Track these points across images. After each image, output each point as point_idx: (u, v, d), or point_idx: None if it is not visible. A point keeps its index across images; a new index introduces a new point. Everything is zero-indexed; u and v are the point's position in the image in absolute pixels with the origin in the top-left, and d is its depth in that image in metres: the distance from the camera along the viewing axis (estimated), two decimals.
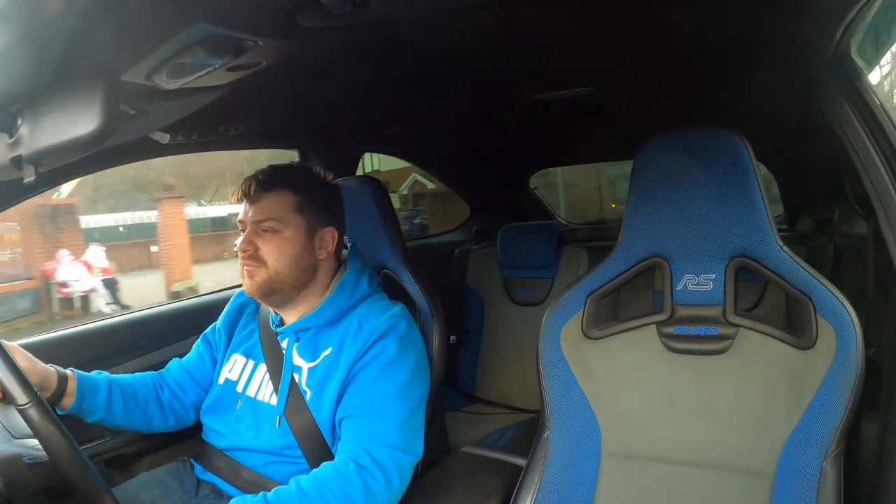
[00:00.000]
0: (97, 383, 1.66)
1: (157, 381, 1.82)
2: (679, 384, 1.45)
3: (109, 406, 1.67)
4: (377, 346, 1.58)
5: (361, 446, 1.49)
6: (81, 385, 1.62)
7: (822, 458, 1.28)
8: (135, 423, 1.74)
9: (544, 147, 3.24)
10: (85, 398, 1.62)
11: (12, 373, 1.31)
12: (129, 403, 1.71)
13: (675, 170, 1.43)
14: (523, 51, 1.65)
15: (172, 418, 1.81)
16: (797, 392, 1.33)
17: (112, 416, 1.69)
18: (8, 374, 1.31)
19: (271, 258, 1.61)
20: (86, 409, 1.63)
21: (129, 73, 1.08)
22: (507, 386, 3.02)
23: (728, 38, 1.59)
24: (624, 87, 2.12)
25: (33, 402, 1.30)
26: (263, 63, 1.25)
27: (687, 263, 1.44)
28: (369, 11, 1.11)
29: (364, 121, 2.45)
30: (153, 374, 1.84)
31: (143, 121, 1.46)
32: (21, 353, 1.51)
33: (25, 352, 1.53)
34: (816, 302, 1.32)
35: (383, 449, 1.49)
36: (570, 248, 3.07)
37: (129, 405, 1.71)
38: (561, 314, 1.55)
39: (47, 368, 1.57)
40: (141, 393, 1.76)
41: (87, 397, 1.62)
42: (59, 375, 1.58)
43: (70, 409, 1.61)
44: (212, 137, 1.92)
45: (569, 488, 1.49)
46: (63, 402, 1.59)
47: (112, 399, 1.67)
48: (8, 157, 0.98)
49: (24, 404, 1.29)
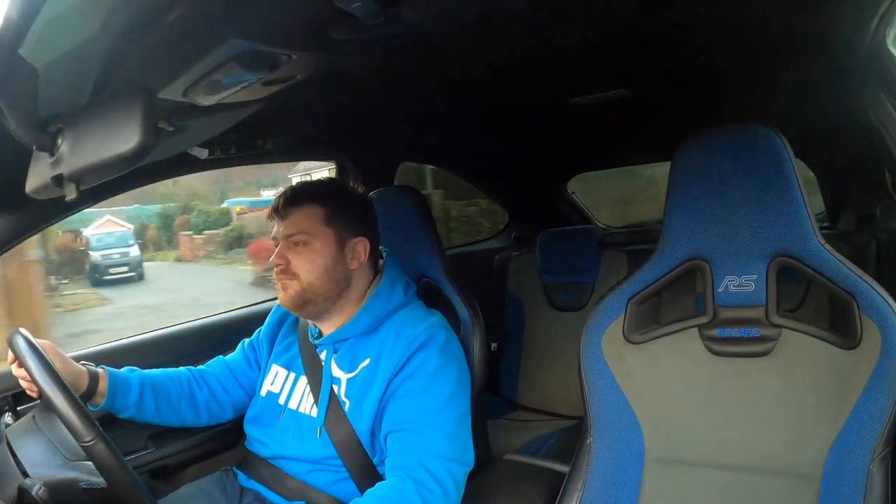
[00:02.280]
0: (129, 382, 1.70)
1: (195, 379, 1.85)
2: (722, 387, 1.43)
3: (141, 405, 1.71)
4: (417, 357, 1.58)
5: (416, 460, 1.49)
6: (113, 384, 1.66)
7: (869, 461, 1.25)
8: (166, 420, 1.78)
9: (581, 151, 3.21)
10: (116, 397, 1.66)
11: (74, 409, 1.32)
12: (161, 403, 1.75)
13: (713, 170, 1.41)
14: (556, 56, 1.64)
15: (207, 416, 1.84)
16: (843, 393, 1.30)
17: (143, 414, 1.73)
18: (68, 408, 1.31)
19: (303, 270, 1.63)
20: (117, 408, 1.68)
21: (166, 91, 1.09)
22: (549, 392, 2.99)
23: (762, 34, 1.56)
24: (659, 88, 2.10)
25: (98, 438, 1.30)
26: (298, 76, 1.26)
27: (728, 264, 1.42)
28: (402, 23, 1.12)
29: (400, 131, 2.46)
30: (190, 370, 1.87)
31: (182, 137, 1.47)
32: (55, 351, 1.54)
33: (58, 350, 1.56)
34: (860, 300, 1.28)
35: (438, 461, 1.49)
36: (610, 252, 3.04)
37: (160, 404, 1.74)
38: (602, 319, 1.53)
39: (78, 367, 1.60)
40: (174, 392, 1.79)
41: (118, 396, 1.66)
42: (90, 374, 1.62)
43: (101, 406, 1.65)
44: (250, 151, 1.95)
45: (612, 495, 1.48)
46: (94, 401, 1.63)
47: (144, 398, 1.71)
48: (50, 175, 1.00)
49: (89, 442, 1.30)
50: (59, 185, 1.00)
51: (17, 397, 1.70)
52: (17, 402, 1.71)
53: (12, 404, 1.71)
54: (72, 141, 0.97)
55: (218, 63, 1.04)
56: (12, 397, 1.71)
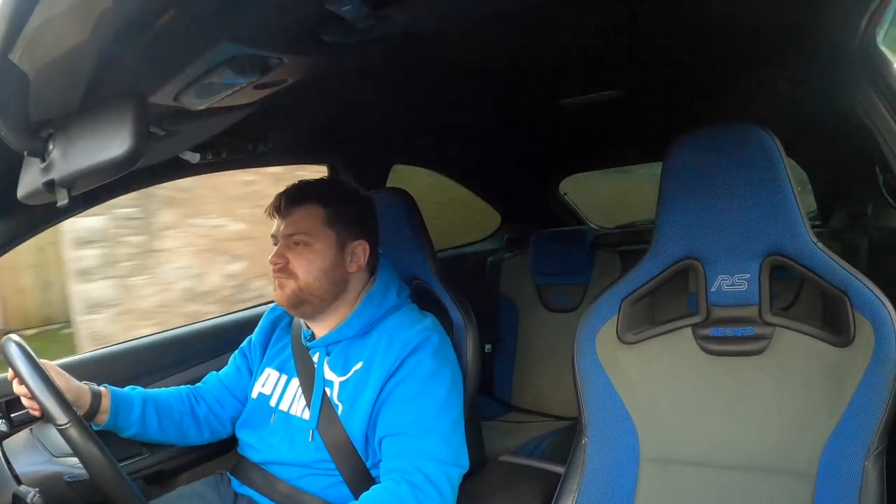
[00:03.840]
0: (131, 399, 1.68)
1: (194, 396, 1.84)
2: (716, 386, 1.43)
3: (144, 422, 1.69)
4: (411, 360, 1.58)
5: (412, 464, 1.48)
6: (115, 401, 1.64)
7: (864, 457, 1.25)
8: (170, 437, 1.77)
9: (573, 152, 3.22)
10: (119, 414, 1.64)
11: (51, 392, 1.33)
12: (164, 418, 1.73)
13: (704, 169, 1.42)
14: (548, 57, 1.64)
15: (208, 432, 1.83)
16: (836, 391, 1.31)
17: (146, 432, 1.71)
18: (47, 393, 1.33)
19: (301, 271, 1.62)
20: (120, 425, 1.66)
21: (157, 95, 1.09)
22: (544, 393, 3.00)
23: (752, 32, 1.57)
24: (650, 88, 2.10)
25: (73, 422, 1.31)
26: (290, 80, 1.26)
27: (720, 264, 1.42)
28: (392, 25, 1.12)
29: (392, 133, 2.45)
30: (189, 388, 1.86)
31: (174, 141, 1.47)
32: (55, 370, 1.53)
33: (59, 369, 1.55)
34: (853, 297, 1.29)
35: (434, 465, 1.49)
36: (603, 252, 3.05)
37: (163, 420, 1.73)
38: (595, 320, 1.54)
39: (81, 386, 1.59)
40: (176, 408, 1.77)
41: (121, 413, 1.65)
42: (92, 393, 1.60)
43: (105, 425, 1.63)
44: (241, 155, 1.94)
45: (608, 495, 1.48)
46: (97, 419, 1.61)
47: (146, 414, 1.70)
48: (41, 181, 1.00)
49: (64, 424, 1.31)
50: (50, 191, 1.00)
51: (11, 404, 1.70)
52: (11, 409, 1.71)
53: (5, 411, 1.71)
54: (63, 146, 0.97)
55: (209, 67, 1.04)
56: (6, 404, 1.71)
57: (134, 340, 2.14)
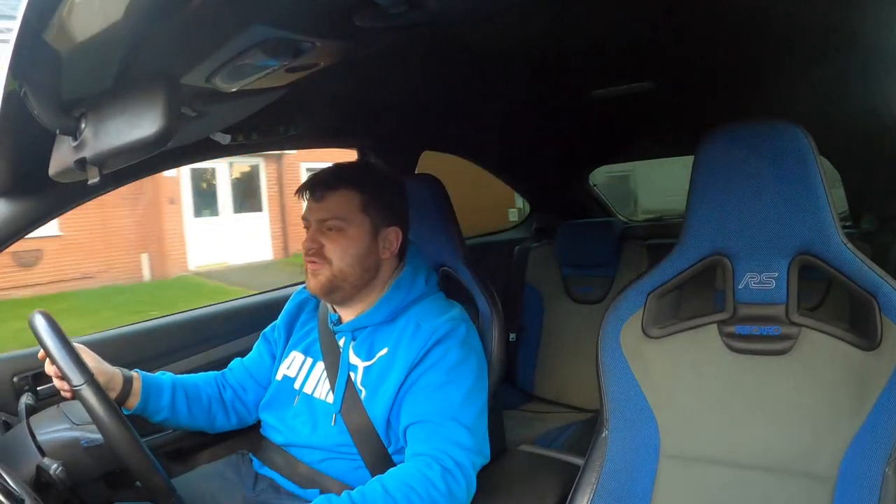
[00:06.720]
0: (161, 384, 1.69)
1: (220, 381, 1.85)
2: (740, 385, 1.42)
3: (174, 406, 1.70)
4: (437, 349, 1.58)
5: (441, 449, 1.49)
6: (146, 386, 1.65)
7: (885, 464, 1.23)
8: (199, 423, 1.77)
9: (603, 144, 3.19)
10: (150, 399, 1.65)
11: (69, 354, 1.35)
12: (194, 404, 1.74)
13: (736, 164, 1.39)
14: (580, 47, 1.63)
15: (235, 418, 1.84)
16: (860, 395, 1.28)
17: (177, 417, 1.72)
18: (64, 355, 1.35)
19: (336, 256, 1.61)
20: (151, 410, 1.67)
21: (189, 76, 1.09)
22: (566, 384, 2.99)
23: (788, 29, 1.54)
24: (682, 81, 2.08)
25: (88, 382, 1.33)
26: (322, 64, 1.25)
27: (749, 261, 1.40)
28: (425, 11, 1.11)
29: (423, 120, 2.45)
30: (216, 373, 1.87)
31: (204, 122, 1.48)
32: (88, 353, 1.54)
33: (92, 353, 1.56)
34: (881, 301, 1.26)
35: (462, 452, 1.50)
36: (631, 245, 3.03)
37: (193, 405, 1.74)
38: (621, 313, 1.52)
39: (113, 370, 1.59)
40: (205, 393, 1.79)
41: (151, 398, 1.66)
42: (124, 377, 1.61)
43: (135, 409, 1.64)
44: (272, 138, 1.94)
45: (626, 490, 1.47)
46: (128, 403, 1.62)
47: (176, 399, 1.70)
48: (73, 159, 1.01)
49: (79, 385, 1.32)
50: (81, 169, 1.01)
51: (37, 377, 1.72)
52: (38, 383, 1.73)
53: (32, 384, 1.73)
54: (95, 125, 0.98)
55: (241, 49, 1.04)
56: (32, 377, 1.73)
57: (157, 319, 2.16)
